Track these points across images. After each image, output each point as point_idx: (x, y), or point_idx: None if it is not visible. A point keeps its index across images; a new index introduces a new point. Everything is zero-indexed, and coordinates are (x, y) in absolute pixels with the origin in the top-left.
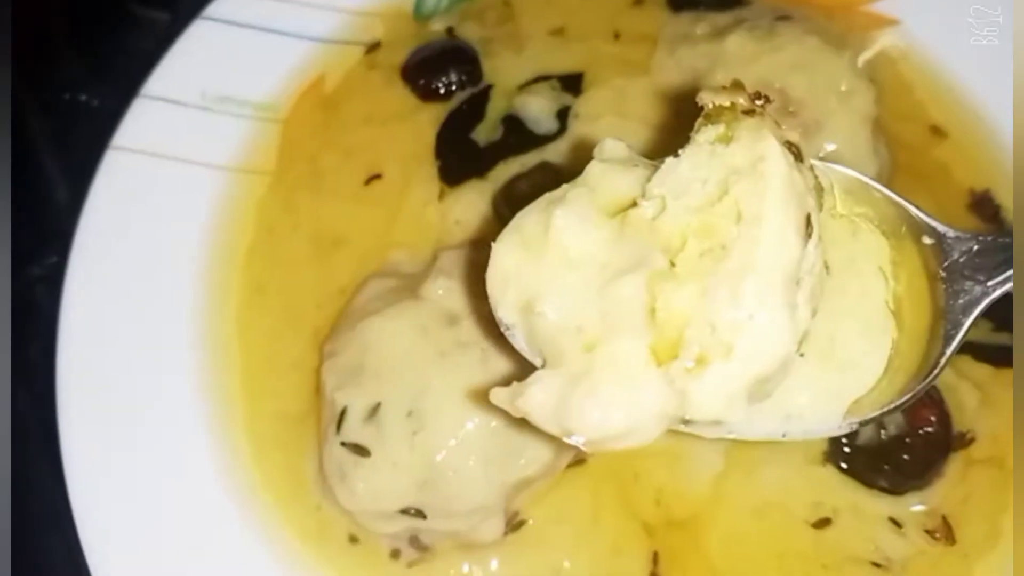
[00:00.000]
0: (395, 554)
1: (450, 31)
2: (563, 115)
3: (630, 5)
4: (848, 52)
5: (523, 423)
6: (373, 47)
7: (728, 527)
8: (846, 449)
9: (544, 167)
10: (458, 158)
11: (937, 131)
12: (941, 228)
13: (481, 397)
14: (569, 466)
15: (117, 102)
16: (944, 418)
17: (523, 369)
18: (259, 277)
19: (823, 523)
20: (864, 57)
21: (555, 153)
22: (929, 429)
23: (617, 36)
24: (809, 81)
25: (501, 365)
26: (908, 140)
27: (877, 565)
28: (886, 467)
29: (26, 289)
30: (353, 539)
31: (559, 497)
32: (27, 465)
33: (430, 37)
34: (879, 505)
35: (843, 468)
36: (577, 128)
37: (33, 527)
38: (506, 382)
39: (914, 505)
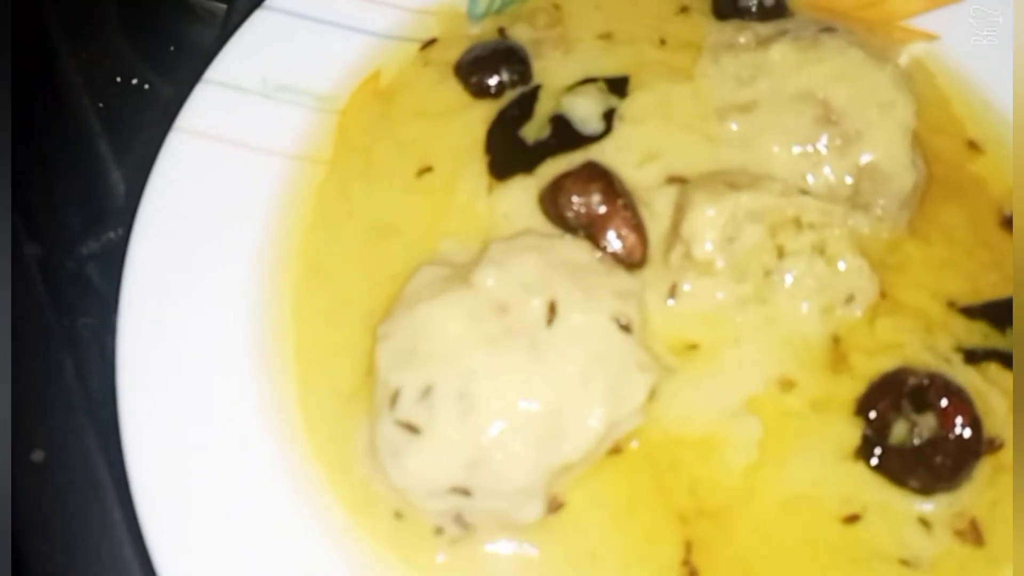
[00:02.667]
0: (438, 531)
1: (502, 31)
2: (609, 116)
3: (676, 12)
4: (890, 65)
5: (567, 409)
6: (428, 44)
7: (759, 519)
8: (878, 448)
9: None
10: (507, 154)
11: (973, 146)
12: None
13: (529, 382)
14: (607, 454)
15: (171, 88)
16: (976, 423)
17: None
18: (316, 260)
19: (853, 519)
20: (903, 66)
21: (601, 153)
22: (961, 432)
23: (663, 42)
24: (851, 92)
25: (549, 353)
26: (944, 154)
27: (905, 563)
28: (918, 467)
29: (80, 265)
30: (398, 515)
31: (597, 483)
32: (70, 430)
33: (483, 37)
34: (909, 504)
35: (874, 466)
36: (622, 129)
37: (77, 499)
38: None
39: (943, 506)
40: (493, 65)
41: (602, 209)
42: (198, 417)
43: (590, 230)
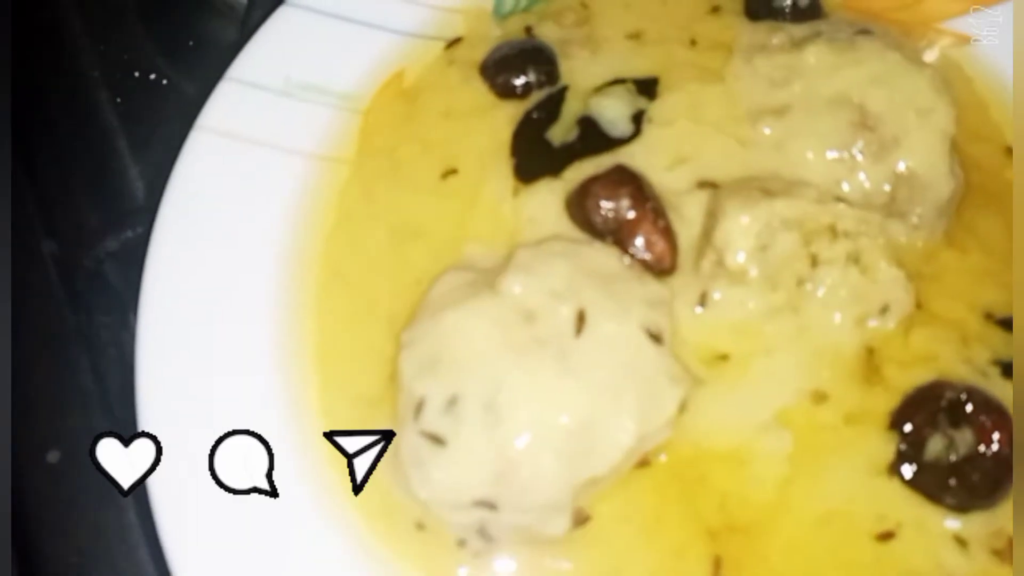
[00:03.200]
0: (461, 543)
1: (528, 31)
2: (638, 118)
3: (707, 12)
4: (929, 69)
5: (596, 422)
6: (453, 43)
7: (791, 535)
8: (912, 463)
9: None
10: (533, 157)
11: (1011, 153)
12: None
13: (557, 394)
14: (635, 467)
15: (190, 83)
16: (1013, 439)
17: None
18: (338, 262)
19: (886, 536)
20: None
21: (630, 156)
22: (999, 449)
23: (693, 43)
24: (889, 97)
25: (577, 363)
26: (982, 161)
27: None
28: (954, 484)
29: (97, 264)
30: (420, 526)
31: (624, 496)
32: (86, 430)
33: (509, 36)
34: (944, 522)
35: (909, 482)
36: (652, 132)
37: (92, 500)
38: None
39: (979, 525)
40: (519, 65)
41: (631, 214)
42: (216, 420)
43: (618, 235)
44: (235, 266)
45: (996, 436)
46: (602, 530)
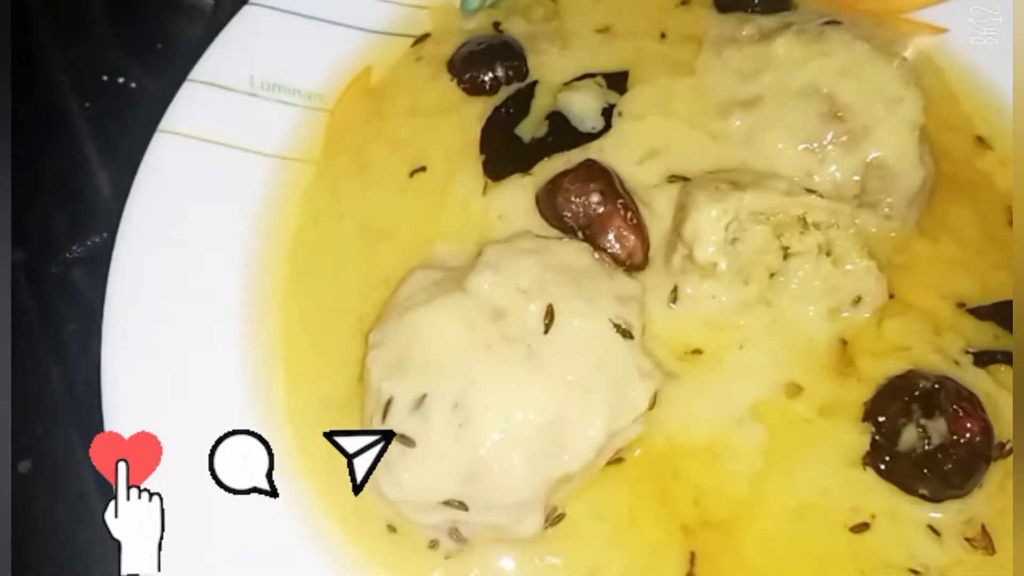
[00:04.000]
0: (433, 544)
1: (496, 26)
2: (608, 113)
3: (677, 5)
4: (897, 59)
5: (566, 420)
6: (421, 39)
7: (766, 529)
8: (886, 454)
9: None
10: (502, 153)
11: (982, 142)
12: None
13: (527, 392)
14: (608, 463)
15: (158, 86)
16: (986, 427)
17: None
18: (305, 263)
19: (861, 527)
20: (910, 60)
21: (600, 150)
22: (971, 438)
23: (663, 36)
24: (858, 87)
25: (547, 360)
26: (953, 151)
27: (915, 572)
28: (927, 474)
29: (65, 270)
30: (392, 528)
31: (598, 494)
32: (56, 440)
33: (477, 32)
34: (918, 512)
35: (883, 472)
36: (622, 126)
37: (65, 510)
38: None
39: (953, 514)
40: (487, 61)
41: (601, 209)
42: (185, 426)
43: (589, 231)
44: (201, 269)
45: (968, 425)
46: (576, 528)
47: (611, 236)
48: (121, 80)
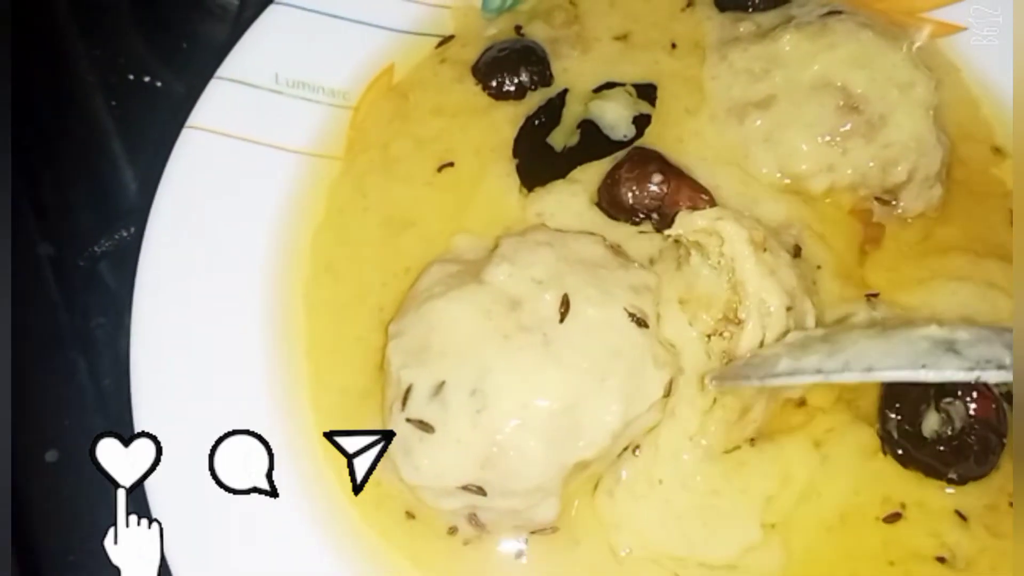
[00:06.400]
0: (452, 531)
1: (518, 30)
2: (639, 121)
3: (682, 9)
4: (904, 44)
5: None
6: (445, 41)
7: (805, 546)
8: (909, 441)
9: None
10: (535, 160)
11: (999, 151)
12: None
13: (542, 379)
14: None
15: (184, 85)
16: (998, 403)
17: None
18: (328, 255)
19: (894, 517)
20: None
21: None
22: (988, 416)
23: (674, 46)
24: (869, 76)
25: (562, 348)
26: (969, 159)
27: (941, 560)
28: (956, 457)
29: (92, 264)
30: (410, 515)
31: None
32: (82, 430)
33: (499, 36)
34: (944, 497)
35: (902, 459)
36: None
37: (90, 498)
38: None
39: (976, 497)
40: (512, 67)
41: (666, 187)
42: (210, 416)
43: (662, 209)
44: (226, 263)
45: (986, 403)
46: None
47: (687, 204)
48: (147, 79)
